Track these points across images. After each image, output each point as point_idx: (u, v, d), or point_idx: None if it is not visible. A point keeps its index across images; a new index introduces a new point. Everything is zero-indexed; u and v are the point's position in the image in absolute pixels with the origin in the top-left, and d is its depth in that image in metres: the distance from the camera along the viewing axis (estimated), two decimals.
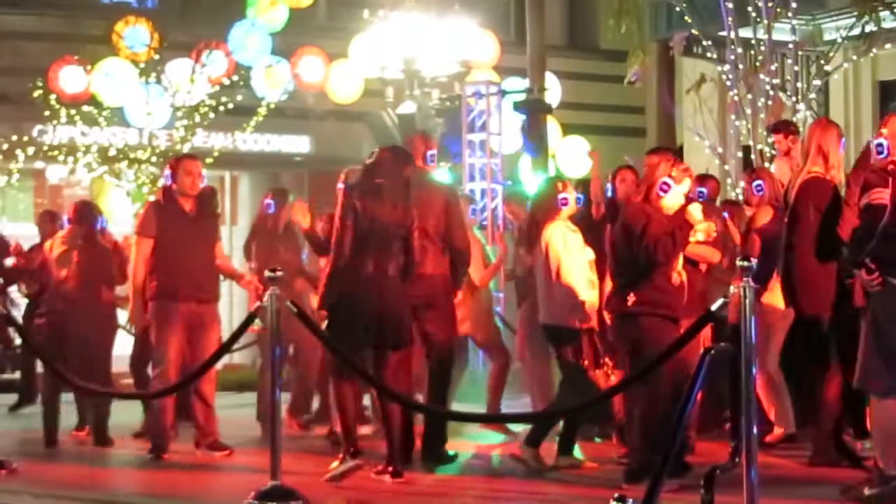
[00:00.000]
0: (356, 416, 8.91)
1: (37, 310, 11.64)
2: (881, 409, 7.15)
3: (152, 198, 10.93)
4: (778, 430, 9.79)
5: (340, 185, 9.02)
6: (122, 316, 11.07)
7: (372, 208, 8.61)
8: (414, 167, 8.97)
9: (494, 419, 11.03)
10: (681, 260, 8.26)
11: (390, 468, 8.51)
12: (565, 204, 9.15)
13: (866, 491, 7.21)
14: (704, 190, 10.17)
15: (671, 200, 8.18)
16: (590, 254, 9.14)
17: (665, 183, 8.14)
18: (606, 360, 8.92)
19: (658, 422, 7.62)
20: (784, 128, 10.91)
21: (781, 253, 8.96)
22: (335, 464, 8.58)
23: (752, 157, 16.06)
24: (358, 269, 8.54)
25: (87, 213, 11.16)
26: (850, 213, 8.01)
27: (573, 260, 9.01)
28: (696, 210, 8.18)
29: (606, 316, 8.46)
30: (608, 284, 8.60)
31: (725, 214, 10.47)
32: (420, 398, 9.48)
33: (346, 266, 8.55)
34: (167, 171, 10.12)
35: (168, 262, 9.76)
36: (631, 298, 8.05)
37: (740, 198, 12.58)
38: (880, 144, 7.78)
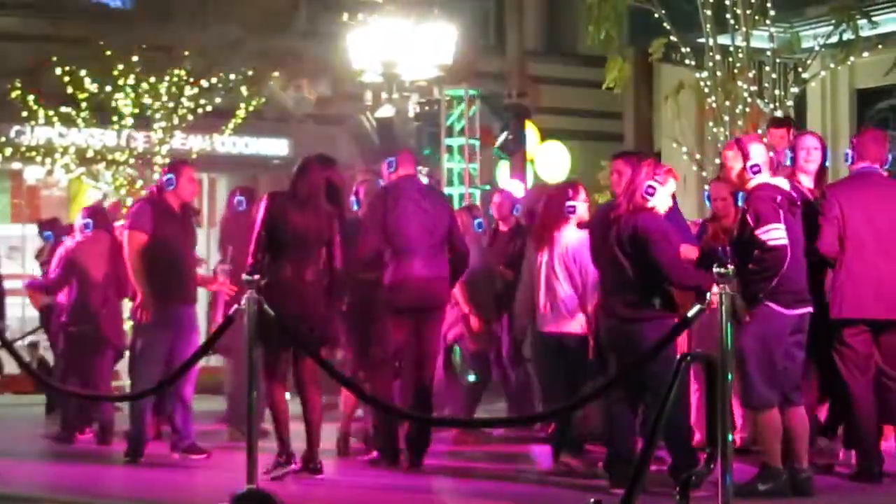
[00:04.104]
0: (287, 419, 8.74)
1: (63, 319, 11.34)
2: (767, 418, 7.69)
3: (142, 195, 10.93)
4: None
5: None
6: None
7: (293, 216, 8.60)
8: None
9: (473, 424, 11.05)
10: None
11: (311, 465, 8.53)
12: (572, 212, 9.05)
13: (760, 486, 7.65)
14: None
15: (659, 202, 8.03)
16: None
17: (650, 186, 7.96)
18: None
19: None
20: (789, 122, 10.86)
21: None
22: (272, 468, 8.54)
23: None
24: (276, 275, 8.45)
25: (106, 217, 11.39)
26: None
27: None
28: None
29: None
30: None
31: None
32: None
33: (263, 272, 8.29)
34: (168, 175, 10.00)
35: (160, 263, 9.68)
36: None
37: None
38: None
